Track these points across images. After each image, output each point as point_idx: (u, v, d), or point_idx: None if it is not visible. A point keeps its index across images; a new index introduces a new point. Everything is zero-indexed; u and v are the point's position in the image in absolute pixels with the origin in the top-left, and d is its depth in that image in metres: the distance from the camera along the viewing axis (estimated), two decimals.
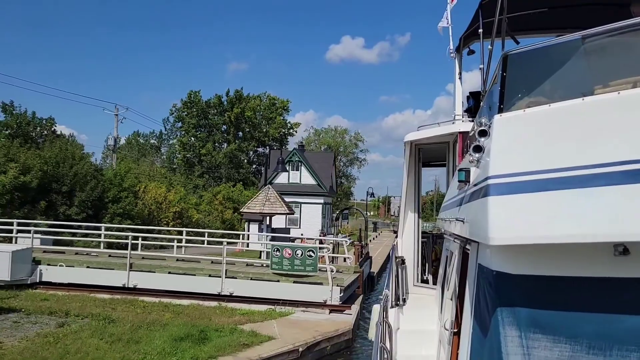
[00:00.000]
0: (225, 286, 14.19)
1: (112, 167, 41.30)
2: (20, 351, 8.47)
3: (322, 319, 12.90)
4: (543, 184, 2.45)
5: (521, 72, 3.05)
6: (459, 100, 7.58)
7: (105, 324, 10.58)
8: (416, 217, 8.13)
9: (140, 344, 9.45)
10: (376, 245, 38.70)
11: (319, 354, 11.13)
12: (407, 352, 5.70)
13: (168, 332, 10.31)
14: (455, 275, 4.49)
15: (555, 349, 2.48)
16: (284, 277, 14.37)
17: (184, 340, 9.84)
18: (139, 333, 10.11)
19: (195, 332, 10.35)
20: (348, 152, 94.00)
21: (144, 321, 11.06)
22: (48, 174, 31.57)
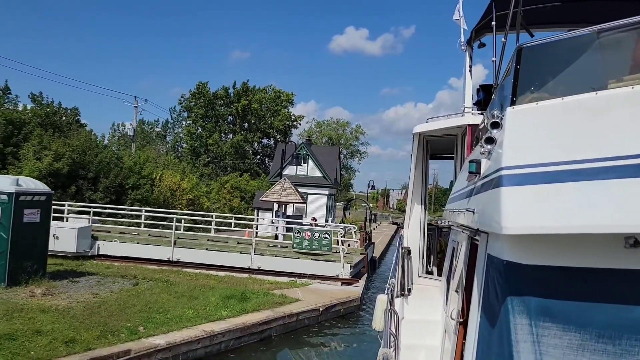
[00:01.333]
0: (254, 261, 17.02)
1: (130, 155, 43.95)
2: (115, 300, 11.23)
3: (336, 289, 15.74)
4: (555, 175, 2.48)
5: (535, 65, 3.05)
6: (469, 93, 7.53)
7: (167, 285, 13.38)
8: (422, 209, 8.21)
9: (198, 300, 12.21)
10: (376, 235, 41.46)
11: (335, 314, 13.97)
12: (411, 342, 5.71)
13: (217, 292, 13.09)
14: (462, 265, 4.53)
15: (565, 337, 2.51)
16: (303, 255, 17.24)
17: (230, 298, 12.60)
18: (195, 292, 12.88)
19: (238, 294, 13.12)
20: (349, 144, 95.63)
21: (195, 285, 13.84)
22: (76, 162, 34.20)
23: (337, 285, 16.18)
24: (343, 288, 15.98)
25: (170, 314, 10.73)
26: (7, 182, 11.39)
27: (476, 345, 3.14)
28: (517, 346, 2.59)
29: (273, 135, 74.18)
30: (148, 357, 8.84)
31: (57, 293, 11.32)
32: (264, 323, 11.54)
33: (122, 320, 9.85)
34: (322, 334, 12.86)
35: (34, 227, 11.75)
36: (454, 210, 5.34)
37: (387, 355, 4.32)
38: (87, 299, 11.11)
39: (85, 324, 9.32)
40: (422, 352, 5.91)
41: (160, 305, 11.21)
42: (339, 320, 14.00)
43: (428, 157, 8.31)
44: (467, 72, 7.66)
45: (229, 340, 10.57)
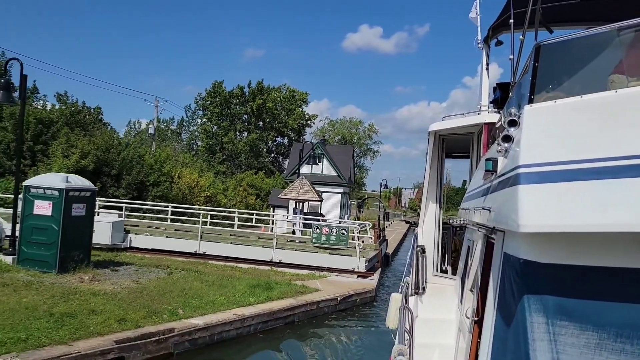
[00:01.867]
0: (275, 255, 18.17)
1: (150, 153, 45.42)
2: (154, 287, 12.42)
3: (352, 281, 16.82)
4: (573, 174, 2.46)
5: (553, 63, 3.02)
6: (486, 91, 7.50)
7: (198, 274, 14.56)
8: (437, 208, 8.22)
9: (227, 288, 13.36)
10: (389, 233, 42.44)
11: (351, 304, 15.05)
12: (425, 340, 5.70)
13: (243, 282, 14.23)
14: (477, 264, 4.53)
15: (582, 337, 2.51)
16: (321, 249, 18.34)
17: (256, 287, 13.73)
18: (224, 282, 14.04)
19: (262, 283, 14.24)
20: (362, 143, 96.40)
21: (223, 275, 15.01)
22: (100, 159, 35.62)
23: (353, 278, 17.27)
24: (359, 280, 17.06)
25: (204, 299, 11.89)
26: (58, 179, 12.63)
27: (491, 343, 3.17)
28: (534, 345, 2.58)
29: (287, 134, 75.36)
30: (189, 335, 10.00)
31: (102, 279, 12.55)
32: (288, 309, 12.67)
33: (162, 304, 11.03)
34: (340, 321, 13.95)
35: (81, 220, 12.99)
36: (469, 209, 5.32)
37: (402, 351, 4.29)
38: (129, 285, 12.32)
39: (131, 306, 10.51)
40: (436, 351, 5.93)
41: (195, 292, 12.39)
42: (355, 309, 15.09)
43: (443, 155, 8.31)
44: (484, 70, 7.63)
45: (257, 323, 11.70)
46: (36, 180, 12.86)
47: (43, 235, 12.33)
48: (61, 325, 8.85)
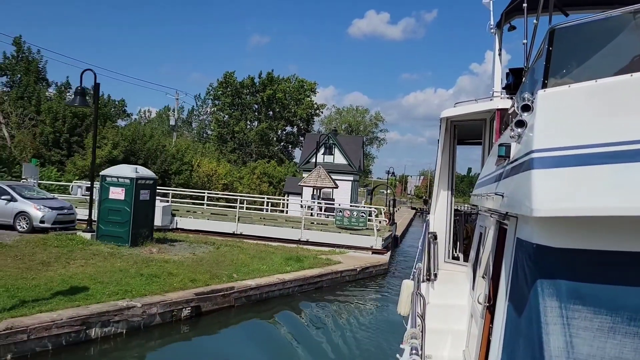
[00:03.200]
0: (303, 234, 20.98)
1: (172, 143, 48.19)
2: (208, 257, 15.19)
3: (367, 256, 19.59)
4: (587, 158, 2.47)
5: (567, 47, 2.99)
6: (498, 77, 7.41)
7: (240, 249, 17.32)
8: (449, 194, 8.17)
9: (266, 260, 16.10)
10: (396, 218, 45.24)
11: (368, 274, 17.81)
12: (437, 326, 5.72)
13: (278, 255, 16.99)
14: (490, 250, 4.52)
15: (595, 320, 2.54)
16: (344, 230, 21.18)
17: (289, 259, 16.47)
18: (262, 255, 16.80)
19: (294, 257, 16.99)
20: (368, 131, 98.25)
21: (259, 250, 17.76)
22: (128, 149, 38.38)
23: (368, 254, 20.01)
24: (374, 256, 19.81)
25: (250, 267, 14.64)
26: (129, 170, 15.35)
27: (504, 328, 3.18)
28: (547, 329, 2.59)
29: (296, 123, 77.35)
30: (245, 292, 12.75)
31: (166, 252, 15.32)
32: (317, 276, 15.43)
33: (219, 269, 13.79)
34: (359, 287, 16.70)
35: (146, 203, 15.73)
36: (481, 195, 5.27)
37: (415, 335, 4.30)
38: (189, 256, 15.08)
39: (197, 270, 13.26)
40: (448, 337, 5.94)
41: (241, 262, 15.15)
42: (371, 278, 17.86)
43: (455, 142, 8.22)
44: (497, 56, 7.55)
45: (294, 286, 14.46)
46: (110, 171, 15.58)
47: (117, 215, 15.08)
48: (151, 282, 11.61)
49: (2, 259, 12.10)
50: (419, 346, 3.96)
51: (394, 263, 21.25)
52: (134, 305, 10.11)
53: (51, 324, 8.64)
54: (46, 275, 11.24)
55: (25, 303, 9.13)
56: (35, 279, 10.76)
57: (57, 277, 11.10)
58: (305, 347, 10.62)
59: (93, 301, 9.82)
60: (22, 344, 8.22)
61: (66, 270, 11.79)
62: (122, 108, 47.19)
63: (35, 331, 8.38)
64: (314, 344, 10.92)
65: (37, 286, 10.24)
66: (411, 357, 3.65)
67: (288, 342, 11.10)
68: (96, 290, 10.44)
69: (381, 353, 10.49)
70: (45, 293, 9.86)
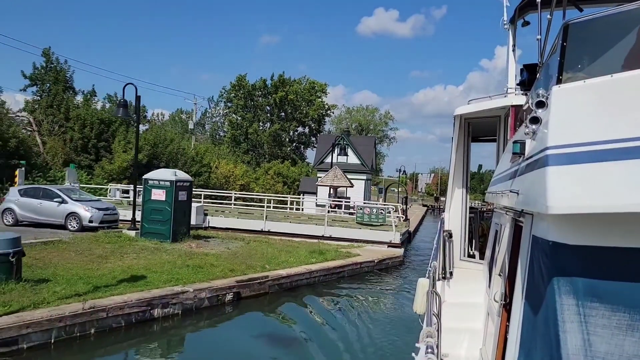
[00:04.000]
0: (326, 230, 22.71)
1: (191, 146, 50.14)
2: (241, 251, 16.87)
3: (384, 249, 21.21)
4: (602, 154, 2.44)
5: (582, 42, 2.97)
6: (512, 73, 7.35)
7: (268, 244, 19.00)
8: (464, 192, 8.09)
9: (292, 253, 17.76)
10: (408, 215, 46.84)
11: (385, 265, 19.45)
12: (453, 324, 5.71)
13: (302, 249, 18.65)
14: (506, 247, 4.51)
15: (613, 318, 2.51)
16: (364, 226, 22.95)
17: (313, 253, 18.11)
18: (288, 249, 18.47)
19: (317, 250, 18.64)
20: (378, 130, 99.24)
21: (285, 245, 19.44)
22: (150, 153, 40.26)
23: (384, 247, 21.62)
24: (389, 249, 21.42)
25: (279, 259, 16.30)
26: (169, 174, 17.09)
27: (521, 326, 3.17)
28: (564, 327, 2.58)
29: (308, 123, 78.73)
30: (277, 280, 14.41)
31: (204, 247, 17.03)
32: (339, 267, 17.07)
33: (253, 261, 15.47)
34: (376, 277, 18.31)
35: (184, 203, 17.46)
36: (496, 193, 5.21)
37: (431, 334, 4.28)
38: (224, 250, 16.79)
39: (234, 262, 14.94)
40: (464, 335, 5.91)
41: (271, 255, 16.83)
42: (387, 269, 19.47)
43: (469, 139, 8.16)
44: (511, 52, 7.49)
45: (319, 276, 16.10)
46: (152, 175, 17.35)
47: (159, 214, 16.83)
48: (197, 272, 13.30)
49: (67, 254, 13.87)
50: (435, 345, 4.00)
51: (407, 256, 22.83)
52: (187, 290, 11.81)
53: (123, 305, 10.36)
54: (107, 266, 12.97)
55: (98, 288, 10.85)
56: (100, 270, 12.50)
57: (117, 268, 12.83)
58: (330, 328, 12.20)
59: (152, 287, 11.53)
60: (102, 320, 9.93)
61: (122, 263, 13.53)
62: (143, 114, 49.10)
63: (112, 310, 10.10)
64: (336, 325, 12.50)
65: (103, 275, 11.98)
66: (427, 356, 3.73)
67: (316, 323, 12.69)
68: (153, 278, 12.14)
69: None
70: (112, 280, 11.58)
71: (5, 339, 8.43)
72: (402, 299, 15.21)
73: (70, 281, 11.13)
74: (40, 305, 9.40)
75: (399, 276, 19.04)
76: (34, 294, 9.88)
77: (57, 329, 9.17)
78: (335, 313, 13.54)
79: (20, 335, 8.63)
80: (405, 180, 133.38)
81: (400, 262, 20.53)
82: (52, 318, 9.10)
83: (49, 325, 9.05)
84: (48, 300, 9.68)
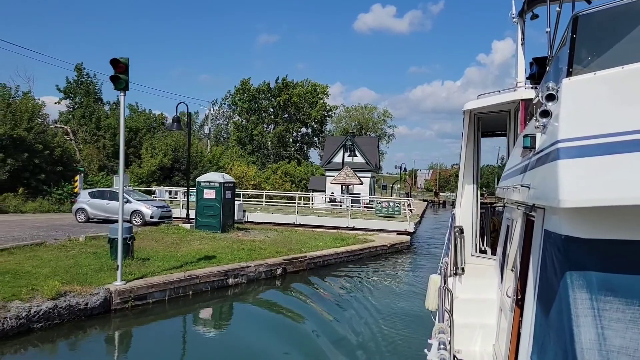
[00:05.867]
0: (350, 222, 26.59)
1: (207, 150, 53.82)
2: (279, 239, 20.59)
3: (393, 237, 25.01)
4: (614, 146, 2.43)
5: (592, 34, 2.95)
6: (521, 67, 7.36)
7: (298, 233, 22.73)
8: (475, 188, 8.09)
9: (319, 240, 21.47)
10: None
11: (395, 249, 23.26)
12: (465, 320, 5.72)
13: (327, 237, 22.39)
14: (517, 242, 4.52)
15: (628, 312, 2.50)
16: (382, 218, 27.20)
17: (336, 240, 21.84)
18: (315, 236, 22.22)
19: (339, 237, 22.39)
20: (377, 128, 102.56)
21: (313, 234, 23.17)
22: (173, 157, 43.91)
23: (394, 235, 25.38)
24: (398, 237, 25.18)
25: (310, 245, 20.01)
26: (218, 176, 20.82)
27: (534, 321, 3.19)
28: (577, 321, 2.56)
29: (310, 124, 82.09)
30: (312, 259, 18.12)
31: (248, 236, 20.73)
32: (359, 250, 20.83)
33: (291, 246, 19.17)
34: (389, 257, 22.04)
35: (229, 201, 21.16)
36: (507, 187, 5.20)
37: (443, 329, 4.31)
38: (265, 239, 20.49)
39: (276, 246, 18.64)
40: (477, 331, 5.92)
41: (303, 241, 20.57)
42: (397, 252, 23.24)
43: (479, 134, 8.13)
44: (520, 45, 7.46)
45: (344, 257, 19.84)
46: (203, 177, 21.08)
47: (211, 210, 20.53)
48: (251, 253, 16.98)
49: (147, 242, 17.53)
50: (447, 341, 4.02)
51: (412, 242, 26.59)
52: (249, 265, 15.51)
53: (209, 274, 14.04)
54: (182, 249, 16.64)
55: (186, 264, 14.52)
56: (178, 252, 16.16)
57: (191, 250, 16.51)
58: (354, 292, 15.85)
59: (224, 263, 15.21)
60: (195, 285, 13.60)
61: (192, 247, 17.20)
62: (161, 120, 52.81)
63: (202, 278, 13.78)
64: (359, 288, 16.15)
65: (184, 255, 15.64)
66: (439, 352, 3.75)
67: (344, 289, 16.35)
68: (221, 258, 15.82)
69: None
70: (192, 259, 15.25)
71: (139, 295, 12.10)
72: (409, 273, 18.94)
73: (164, 259, 14.80)
74: (154, 274, 13.08)
75: (407, 256, 22.79)
76: (145, 267, 13.57)
77: (169, 290, 12.86)
78: (359, 281, 17.22)
79: (148, 293, 12.32)
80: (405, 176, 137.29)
81: (407, 246, 24.33)
82: (166, 282, 12.80)
83: (164, 287, 12.74)
84: (156, 271, 13.37)
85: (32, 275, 11.85)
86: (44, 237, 17.12)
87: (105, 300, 11.40)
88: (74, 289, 11.17)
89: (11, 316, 9.56)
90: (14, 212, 27.49)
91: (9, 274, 11.80)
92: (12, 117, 29.17)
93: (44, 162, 30.97)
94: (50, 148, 32.31)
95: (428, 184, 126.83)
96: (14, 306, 9.86)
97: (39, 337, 9.78)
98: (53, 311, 10.28)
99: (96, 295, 11.25)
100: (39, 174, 30.57)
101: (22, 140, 29.73)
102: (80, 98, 41.53)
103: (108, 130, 39.68)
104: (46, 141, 31.46)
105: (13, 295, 10.27)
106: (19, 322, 9.62)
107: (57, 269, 12.55)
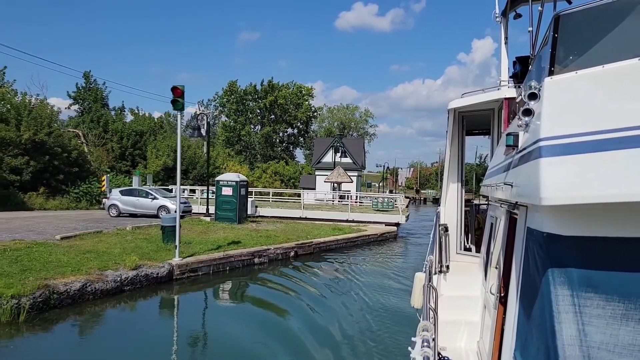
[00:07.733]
0: (350, 215, 30.45)
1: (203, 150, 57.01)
2: (287, 229, 24.26)
3: (383, 227, 28.92)
4: (596, 144, 2.45)
5: (573, 33, 3.00)
6: (505, 66, 7.37)
7: (303, 224, 26.44)
8: (459, 186, 8.11)
9: (320, 230, 25.20)
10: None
11: (384, 237, 27.24)
12: (450, 317, 5.78)
13: (326, 227, 26.15)
14: (501, 240, 4.58)
15: (608, 308, 2.53)
16: (378, 211, 31.21)
17: (334, 230, 25.61)
18: (316, 227, 25.96)
19: (337, 228, 26.18)
20: (359, 127, 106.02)
21: (314, 226, 26.91)
22: (174, 158, 47.01)
23: (382, 226, 29.26)
24: (386, 227, 29.08)
25: (314, 233, 23.72)
26: (234, 176, 24.41)
27: (517, 318, 3.24)
28: (559, 317, 2.60)
29: (296, 125, 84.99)
30: (317, 245, 21.85)
31: (261, 226, 24.33)
32: (354, 238, 24.65)
33: (298, 234, 22.86)
34: (379, 245, 25.88)
35: (243, 197, 24.75)
36: (491, 186, 5.24)
37: (427, 327, 4.33)
38: (276, 229, 24.13)
39: (286, 234, 22.31)
40: (461, 328, 6.00)
41: (307, 230, 24.28)
42: (386, 240, 27.15)
43: (464, 133, 8.19)
44: (503, 45, 7.52)
45: (342, 243, 23.63)
46: (222, 177, 24.63)
47: (228, 205, 24.09)
48: (267, 239, 20.62)
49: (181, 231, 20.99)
50: (431, 338, 4.12)
51: (398, 233, 30.54)
52: (270, 248, 19.17)
53: (240, 255, 17.66)
54: (211, 237, 20.18)
55: (219, 247, 18.08)
56: (209, 238, 19.69)
57: (220, 237, 20.06)
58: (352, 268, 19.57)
59: (249, 246, 18.82)
60: (231, 262, 17.21)
61: (218, 235, 20.74)
62: (160, 124, 55.85)
63: (236, 257, 17.40)
64: (356, 266, 19.89)
65: (215, 241, 19.19)
66: (422, 350, 3.86)
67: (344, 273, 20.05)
68: (245, 242, 19.41)
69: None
70: (222, 243, 18.81)
71: (192, 268, 15.66)
72: (396, 255, 22.79)
73: (201, 243, 18.36)
74: (199, 253, 16.63)
75: (394, 243, 26.68)
76: (191, 248, 17.13)
77: (212, 266, 16.45)
78: (357, 260, 20.96)
79: (198, 267, 15.90)
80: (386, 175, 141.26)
81: (395, 235, 28.26)
82: (210, 259, 16.40)
83: (210, 263, 16.33)
84: (200, 252, 16.93)
85: (108, 254, 15.31)
86: (96, 228, 20.48)
87: (169, 271, 14.97)
88: (145, 263, 14.70)
89: (110, 280, 13.09)
90: (39, 209, 30.56)
91: (91, 253, 15.24)
92: (34, 123, 32.14)
93: (62, 163, 33.98)
94: (67, 151, 35.31)
95: (409, 181, 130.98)
96: (109, 274, 13.36)
97: (129, 296, 13.32)
98: (136, 278, 13.82)
99: (163, 268, 14.82)
100: (58, 174, 33.56)
101: (43, 144, 32.75)
102: (89, 103, 44.45)
103: (115, 134, 42.69)
104: (64, 144, 34.48)
105: (105, 266, 13.75)
106: (115, 285, 13.15)
107: (126, 249, 16.04)
